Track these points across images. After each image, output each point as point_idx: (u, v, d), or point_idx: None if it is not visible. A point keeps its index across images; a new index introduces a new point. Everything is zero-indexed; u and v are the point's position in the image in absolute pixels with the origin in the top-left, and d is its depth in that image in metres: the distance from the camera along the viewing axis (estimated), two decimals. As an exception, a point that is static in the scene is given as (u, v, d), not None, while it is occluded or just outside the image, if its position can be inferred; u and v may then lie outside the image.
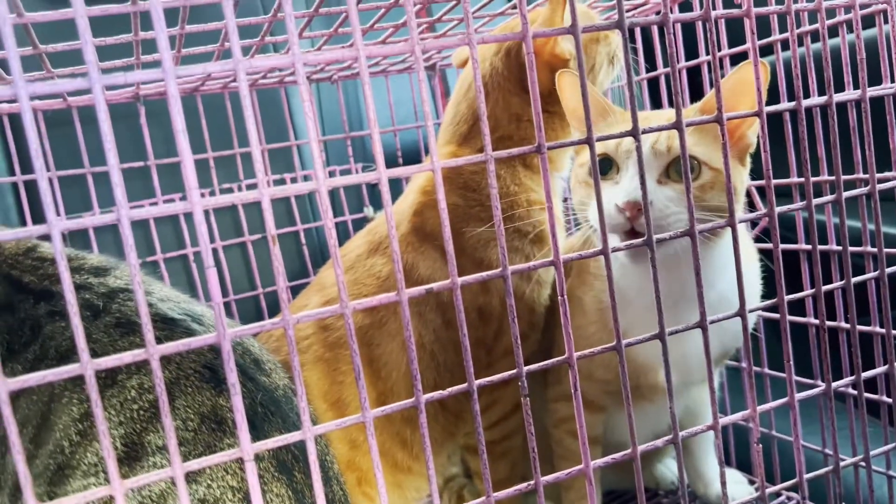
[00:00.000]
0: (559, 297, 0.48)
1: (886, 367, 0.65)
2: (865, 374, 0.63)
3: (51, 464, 0.50)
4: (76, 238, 0.98)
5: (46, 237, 0.35)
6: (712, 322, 0.52)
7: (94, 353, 0.52)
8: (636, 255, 0.65)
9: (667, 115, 0.73)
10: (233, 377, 0.40)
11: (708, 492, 0.88)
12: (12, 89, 0.36)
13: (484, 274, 0.47)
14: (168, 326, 0.56)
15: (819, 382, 0.82)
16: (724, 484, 0.55)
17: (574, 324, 0.72)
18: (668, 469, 0.97)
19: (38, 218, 0.96)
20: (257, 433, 0.55)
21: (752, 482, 0.91)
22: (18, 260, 0.58)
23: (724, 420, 0.54)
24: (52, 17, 0.52)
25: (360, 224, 1.11)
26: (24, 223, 0.98)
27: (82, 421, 0.52)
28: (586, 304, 0.76)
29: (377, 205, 1.19)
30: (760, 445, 0.58)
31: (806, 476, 0.60)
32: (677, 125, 0.50)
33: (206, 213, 1.06)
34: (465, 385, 0.47)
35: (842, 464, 0.63)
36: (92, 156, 0.96)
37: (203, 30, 0.64)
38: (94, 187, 0.97)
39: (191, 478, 0.49)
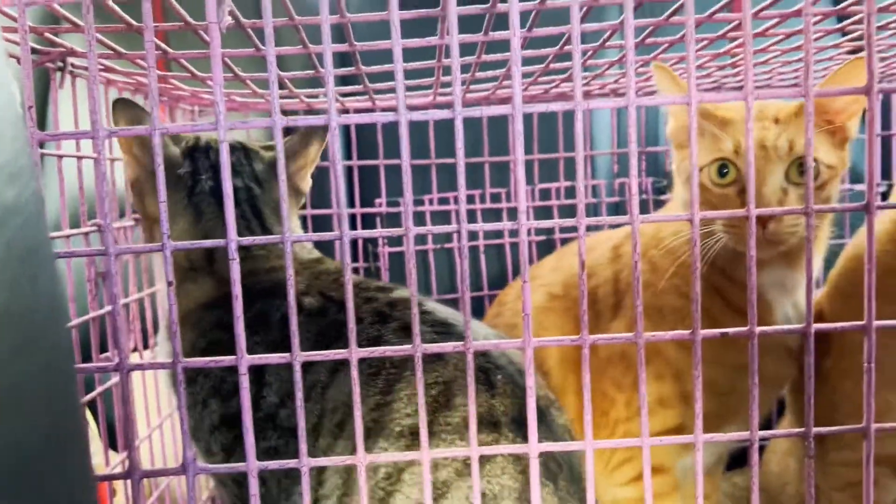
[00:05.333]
0: (865, 364, 0.46)
1: None
2: None
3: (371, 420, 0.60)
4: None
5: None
6: None
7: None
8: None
9: (775, 107, 0.70)
10: (531, 381, 0.45)
11: None
12: (325, 119, 0.44)
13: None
14: (445, 329, 0.63)
15: None
16: None
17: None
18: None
19: (365, 197, 1.12)
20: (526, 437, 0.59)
21: None
22: (328, 280, 0.70)
23: None
24: (374, 46, 0.61)
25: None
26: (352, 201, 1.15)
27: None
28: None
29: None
30: None
31: None
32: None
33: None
34: (745, 435, 0.47)
35: None
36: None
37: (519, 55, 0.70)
38: (385, 177, 1.12)
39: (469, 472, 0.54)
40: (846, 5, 0.61)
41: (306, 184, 0.78)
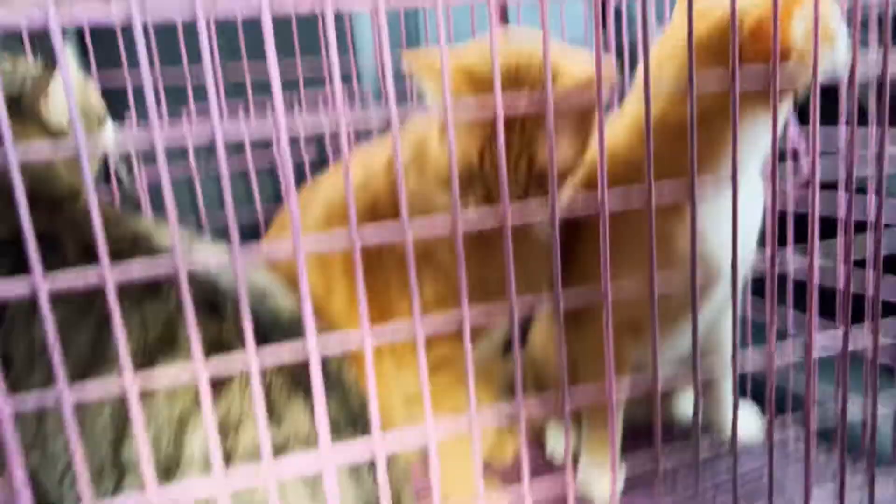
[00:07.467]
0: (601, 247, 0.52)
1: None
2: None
3: None
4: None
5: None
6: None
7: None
8: None
9: None
10: (305, 287, 0.45)
11: (723, 419, 0.95)
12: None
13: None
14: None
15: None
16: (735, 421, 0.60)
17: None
18: (686, 407, 1.02)
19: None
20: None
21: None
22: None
23: (744, 369, 0.59)
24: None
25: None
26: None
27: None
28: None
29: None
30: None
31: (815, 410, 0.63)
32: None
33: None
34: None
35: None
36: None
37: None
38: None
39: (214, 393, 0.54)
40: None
41: (50, 112, 0.71)
